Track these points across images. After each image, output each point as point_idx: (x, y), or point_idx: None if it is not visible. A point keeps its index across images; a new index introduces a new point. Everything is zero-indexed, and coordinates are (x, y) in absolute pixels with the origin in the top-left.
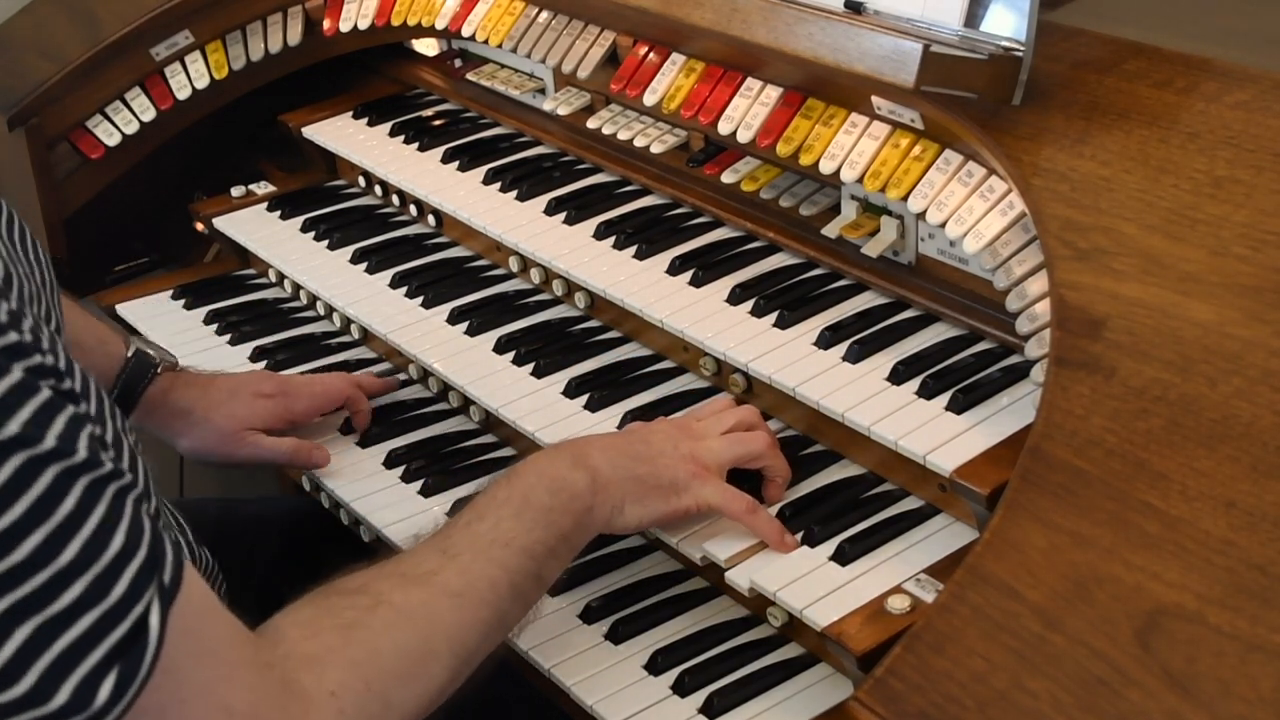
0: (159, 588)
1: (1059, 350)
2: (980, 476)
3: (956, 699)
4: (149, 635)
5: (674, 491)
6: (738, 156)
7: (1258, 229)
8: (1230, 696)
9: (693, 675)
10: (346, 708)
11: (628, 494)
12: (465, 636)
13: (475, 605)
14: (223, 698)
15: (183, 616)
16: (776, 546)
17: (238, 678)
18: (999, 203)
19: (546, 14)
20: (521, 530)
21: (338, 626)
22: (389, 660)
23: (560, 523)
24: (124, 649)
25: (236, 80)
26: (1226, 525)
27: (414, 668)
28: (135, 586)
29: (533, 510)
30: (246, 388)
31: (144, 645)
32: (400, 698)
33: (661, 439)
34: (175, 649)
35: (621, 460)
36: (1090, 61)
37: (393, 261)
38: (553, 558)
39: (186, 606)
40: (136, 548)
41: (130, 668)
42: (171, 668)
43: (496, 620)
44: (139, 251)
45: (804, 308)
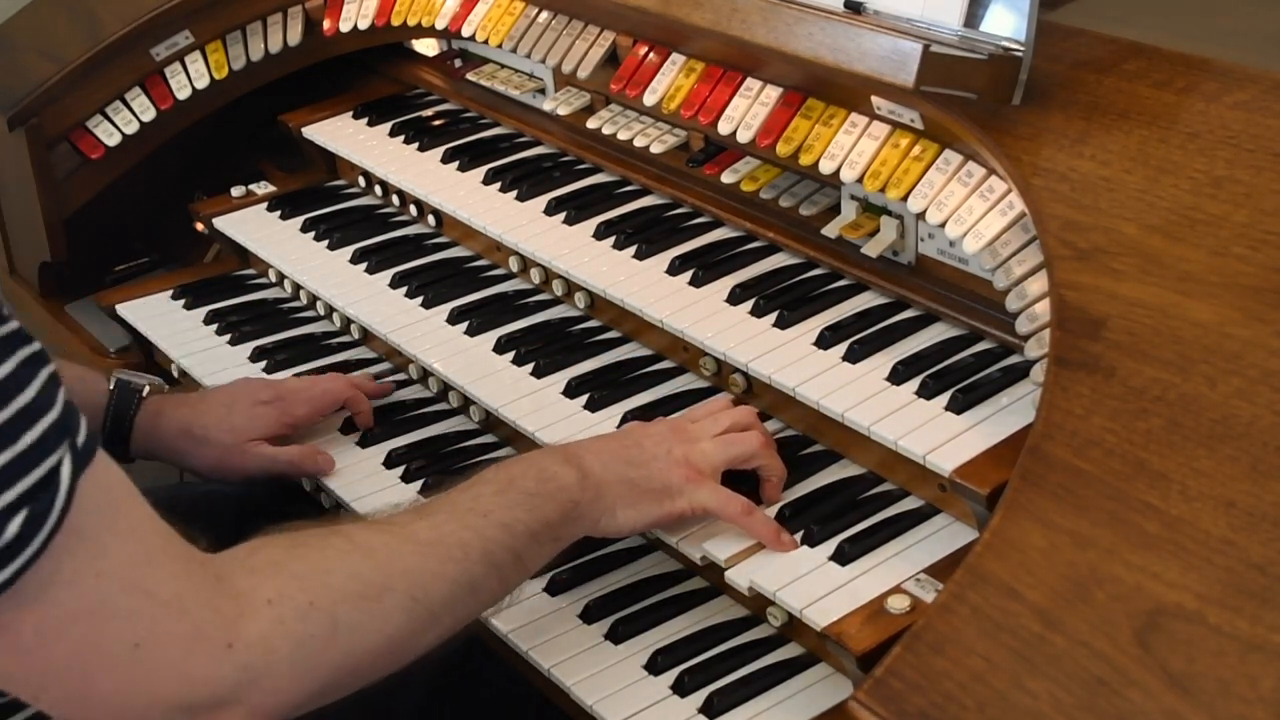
0: (71, 447)
1: (1059, 350)
2: (980, 476)
3: (956, 699)
4: (59, 483)
5: (667, 495)
6: (738, 156)
7: (1257, 229)
8: (1230, 696)
9: (693, 675)
10: (286, 616)
11: (620, 497)
12: (428, 584)
13: (441, 559)
14: (143, 580)
15: (98, 486)
16: (774, 546)
17: (161, 563)
18: (999, 203)
19: (546, 14)
20: (501, 506)
21: (285, 544)
22: (338, 579)
23: (544, 509)
24: (34, 494)
25: (236, 80)
26: (1226, 525)
27: (367, 592)
28: (45, 439)
29: (516, 493)
30: (243, 398)
31: (54, 491)
32: (350, 621)
33: (654, 442)
34: (90, 516)
35: (613, 463)
36: (1090, 61)
37: (393, 261)
38: (534, 541)
39: (103, 479)
40: (49, 406)
41: (40, 510)
42: (86, 534)
43: (465, 581)
44: (139, 251)
45: (804, 308)
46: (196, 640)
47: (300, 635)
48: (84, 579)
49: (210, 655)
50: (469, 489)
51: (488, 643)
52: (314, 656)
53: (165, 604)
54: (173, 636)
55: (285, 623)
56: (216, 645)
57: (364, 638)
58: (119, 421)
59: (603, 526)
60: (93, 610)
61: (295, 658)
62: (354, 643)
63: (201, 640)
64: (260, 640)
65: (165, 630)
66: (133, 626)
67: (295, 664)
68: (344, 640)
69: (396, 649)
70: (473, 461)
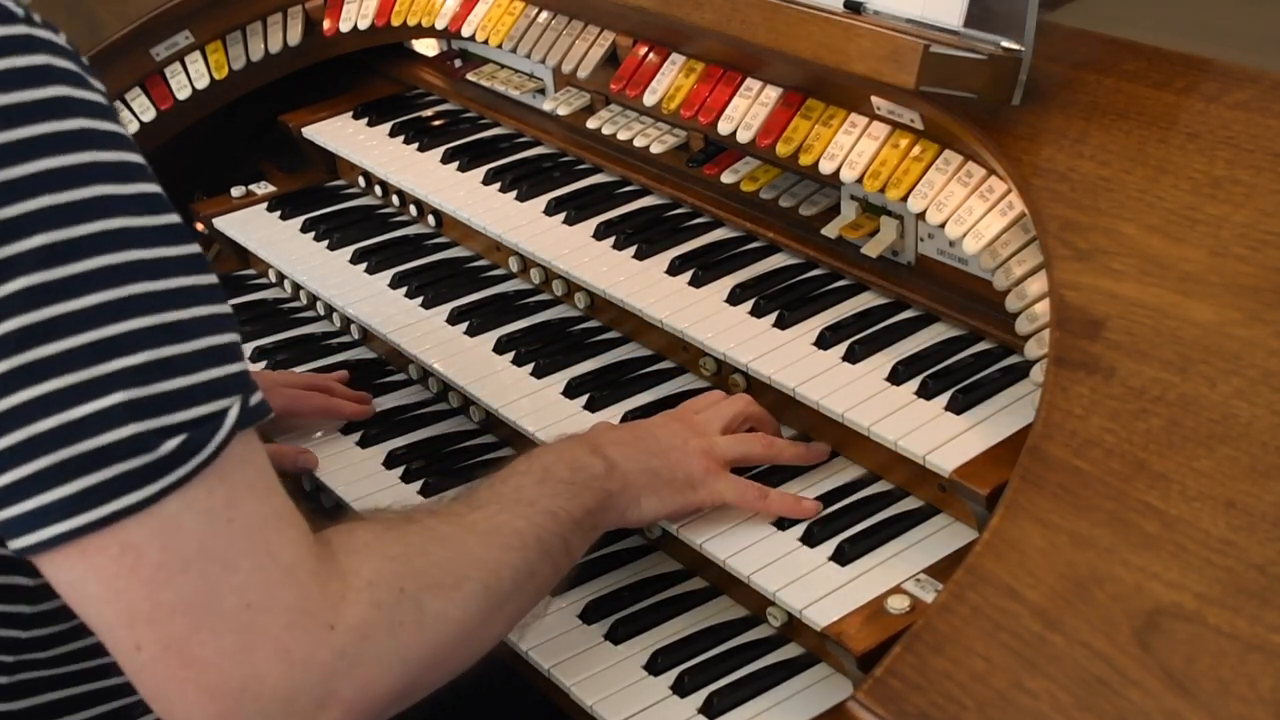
0: (244, 401)
1: (1058, 350)
2: (980, 476)
3: (956, 699)
4: (224, 425)
5: (690, 486)
6: (737, 157)
7: (1257, 229)
8: (1229, 696)
9: (692, 675)
10: (382, 600)
11: (644, 486)
12: (496, 571)
13: (502, 547)
14: (269, 540)
15: (249, 446)
16: (799, 515)
17: (285, 528)
18: (998, 203)
19: (546, 14)
20: (544, 495)
21: (376, 527)
22: (422, 565)
23: (581, 497)
24: (199, 424)
25: (236, 80)
26: (1226, 525)
27: (447, 580)
28: (227, 381)
29: (553, 482)
30: None
31: (216, 429)
32: (434, 609)
33: (669, 434)
34: (238, 467)
35: (635, 454)
36: (1090, 62)
37: (393, 261)
38: (578, 529)
39: (254, 442)
40: (238, 358)
41: (199, 439)
42: (229, 478)
43: (525, 568)
44: None
45: (804, 308)
46: (302, 614)
47: (392, 623)
48: (217, 520)
49: (311, 633)
50: (508, 480)
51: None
52: (404, 648)
53: (283, 569)
54: (283, 605)
55: (381, 608)
56: (320, 624)
57: (445, 627)
58: None
59: (629, 516)
60: (217, 555)
61: (387, 643)
62: (438, 631)
63: (306, 615)
64: (359, 624)
65: (277, 597)
66: (250, 583)
67: (388, 649)
68: (429, 628)
69: (472, 639)
70: (473, 461)
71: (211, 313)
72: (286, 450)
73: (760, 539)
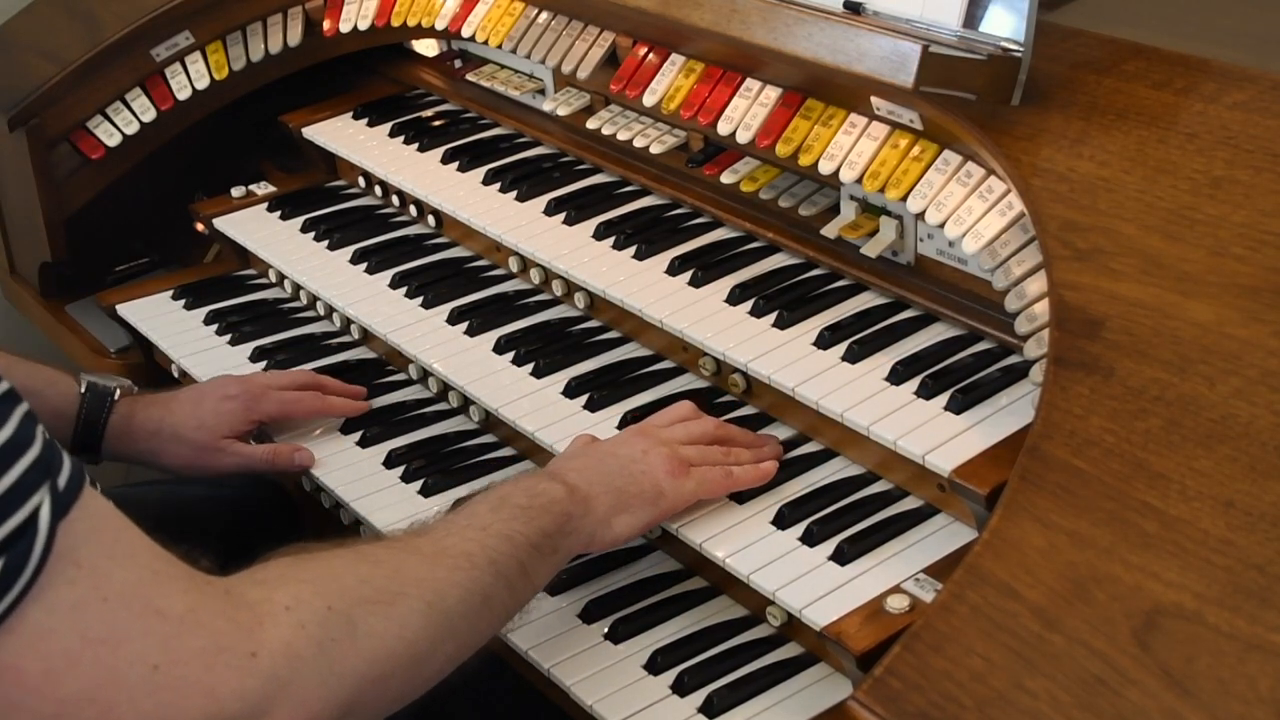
0: (52, 488)
1: (1058, 350)
2: (979, 476)
3: (955, 698)
4: (39, 527)
5: (658, 495)
6: (737, 157)
7: (1256, 229)
8: (1229, 695)
9: (692, 675)
10: (305, 621)
11: (611, 507)
12: (441, 590)
13: (449, 568)
14: (151, 599)
15: (89, 519)
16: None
17: (167, 581)
18: (998, 203)
19: (546, 15)
20: (498, 520)
21: (293, 559)
22: (350, 583)
23: (539, 520)
24: (11, 541)
25: (237, 81)
26: (1225, 525)
27: (380, 597)
28: (24, 481)
29: (510, 507)
30: (210, 394)
31: (33, 537)
32: (368, 625)
33: (628, 449)
34: (85, 545)
35: (596, 475)
36: (1089, 62)
37: (393, 262)
38: (536, 552)
39: (91, 512)
40: (29, 443)
41: (17, 560)
42: (83, 562)
43: (477, 589)
44: (139, 252)
45: (803, 308)
46: (217, 653)
47: (322, 639)
48: (88, 605)
49: (234, 667)
50: (461, 510)
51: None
52: (338, 663)
53: (179, 620)
54: (192, 652)
55: (306, 627)
56: (239, 655)
57: (384, 643)
58: (90, 425)
59: (598, 539)
60: (103, 637)
61: (320, 664)
62: (375, 647)
63: (223, 652)
64: (284, 646)
65: (183, 647)
66: (147, 646)
67: (321, 671)
68: (365, 645)
69: (419, 658)
70: (473, 461)
71: None
72: (283, 449)
73: (760, 538)
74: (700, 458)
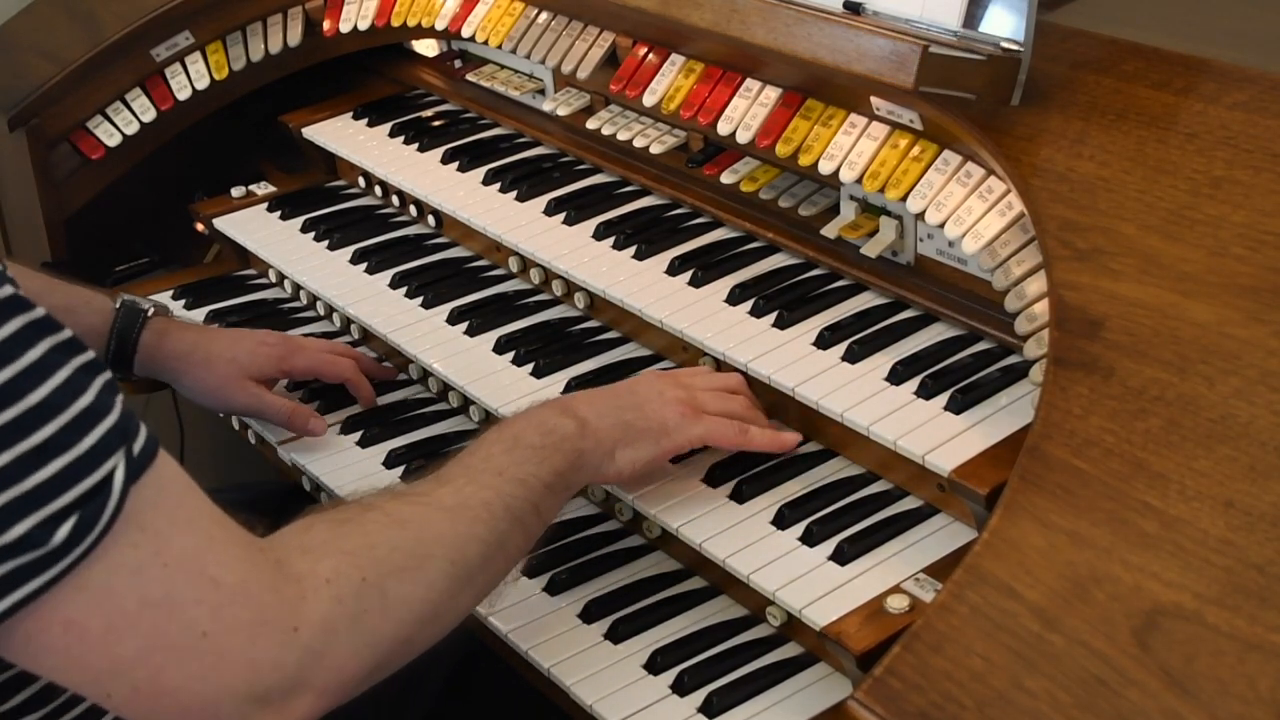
0: (127, 454)
1: (1057, 350)
2: (979, 476)
3: (955, 698)
4: (112, 488)
5: (664, 432)
6: (737, 157)
7: (1256, 229)
8: (1228, 695)
9: (692, 674)
10: (343, 595)
11: (618, 439)
12: (462, 547)
13: (469, 521)
14: (208, 567)
15: (158, 485)
16: (779, 448)
17: (224, 550)
18: (998, 203)
19: (546, 15)
20: (513, 463)
21: (332, 522)
22: (383, 553)
23: (553, 460)
24: (87, 499)
25: (237, 81)
26: (1225, 525)
27: (410, 563)
28: (104, 443)
29: (523, 449)
30: (251, 335)
31: (106, 497)
32: (398, 593)
33: (647, 387)
34: (151, 510)
35: (608, 409)
36: (1089, 62)
37: (393, 262)
38: (549, 492)
39: (161, 477)
40: (108, 411)
41: (90, 515)
42: (148, 526)
43: (494, 539)
44: (139, 252)
45: (803, 308)
46: (262, 625)
47: (355, 612)
48: (149, 569)
49: (276, 640)
50: (477, 451)
51: (488, 643)
52: (370, 631)
53: (231, 590)
54: (240, 623)
55: (343, 602)
56: (282, 630)
57: (411, 607)
58: (124, 339)
59: (604, 472)
60: (160, 600)
61: (353, 634)
62: (403, 613)
63: (267, 625)
64: (322, 621)
65: (232, 617)
66: (200, 614)
67: (354, 641)
68: (394, 611)
69: (441, 614)
70: None
71: (66, 377)
72: (302, 409)
73: (760, 538)
74: (719, 406)
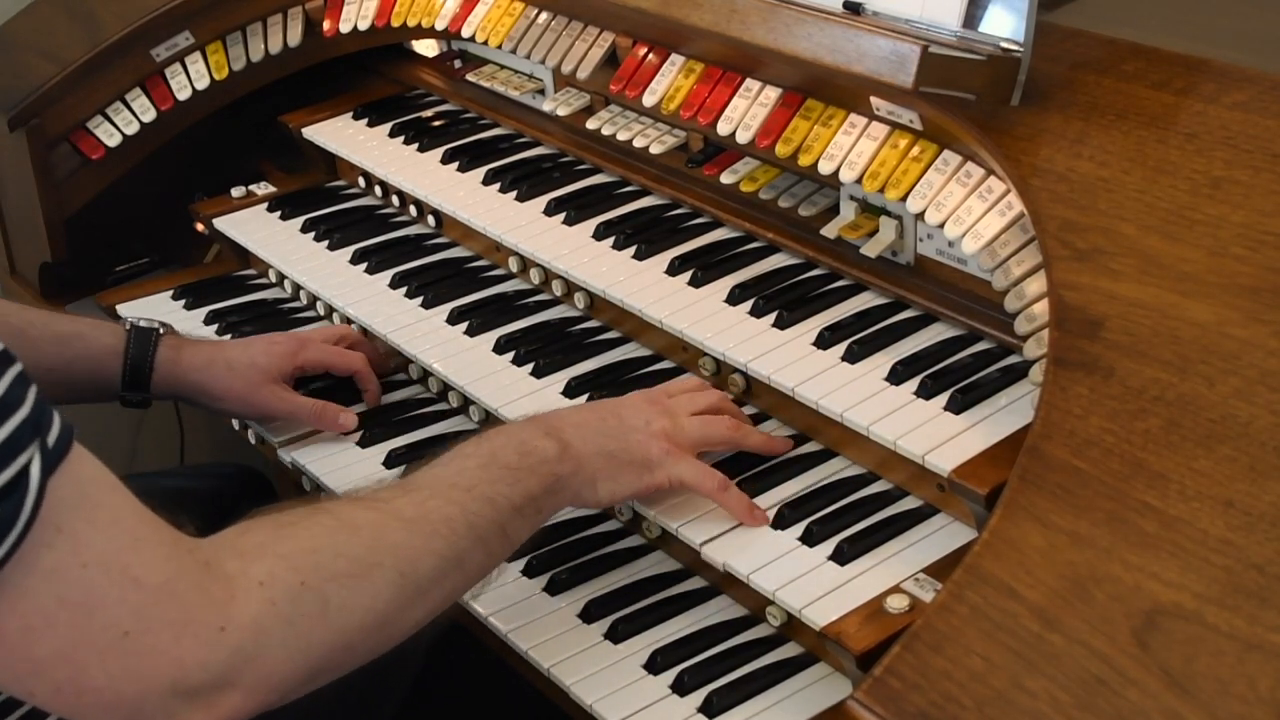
0: (41, 446)
1: (1057, 350)
2: (979, 476)
3: (955, 698)
4: (28, 484)
5: (646, 468)
6: (737, 157)
7: (1256, 229)
8: (1228, 695)
9: (692, 674)
10: (277, 598)
11: (599, 470)
12: (415, 559)
13: (426, 534)
14: (129, 566)
15: (75, 480)
16: (747, 522)
17: (148, 549)
18: (997, 203)
19: (546, 15)
20: (485, 480)
21: (273, 525)
22: (327, 558)
23: (527, 482)
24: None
25: (237, 81)
26: (1224, 525)
27: (356, 570)
28: (16, 437)
29: (498, 466)
30: (259, 340)
31: (22, 493)
32: (340, 600)
33: (632, 414)
34: (68, 510)
35: (593, 436)
36: (1088, 62)
37: (393, 262)
38: (518, 514)
39: (79, 472)
40: (19, 403)
41: (7, 515)
42: (65, 528)
43: (452, 555)
44: (139, 252)
45: (803, 308)
46: (187, 625)
47: (291, 615)
48: (66, 570)
49: (202, 639)
50: (451, 463)
51: (485, 641)
52: (306, 636)
53: (154, 590)
54: (163, 622)
55: (277, 604)
56: (209, 629)
57: (354, 615)
58: (139, 363)
59: (583, 498)
60: (79, 601)
61: (287, 638)
62: (345, 620)
63: (192, 624)
64: (252, 622)
65: (155, 616)
66: (121, 614)
67: (288, 644)
68: (335, 618)
69: (387, 625)
70: None
71: None
72: (331, 406)
73: (759, 538)
74: (703, 436)
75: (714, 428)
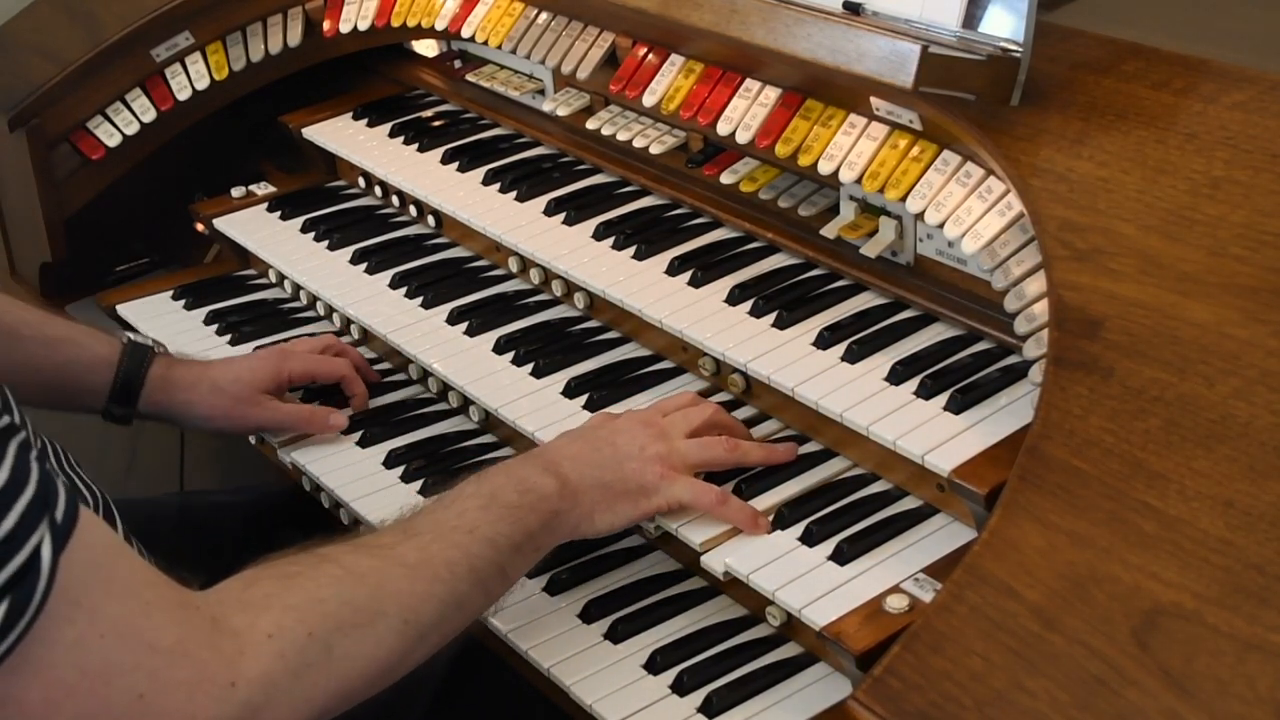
0: (50, 523)
1: (1057, 350)
2: (978, 476)
3: (955, 698)
4: (41, 566)
5: (643, 494)
6: (737, 157)
7: (1255, 229)
8: (1228, 695)
9: (692, 674)
10: (286, 650)
11: (596, 502)
12: (418, 606)
13: (429, 580)
14: (144, 633)
15: (86, 551)
16: (751, 531)
17: (159, 614)
18: (997, 203)
19: (546, 15)
20: (486, 521)
21: (278, 576)
22: (332, 608)
23: (527, 520)
24: (16, 581)
25: (237, 81)
26: (1224, 525)
27: (360, 619)
28: (25, 521)
29: (499, 506)
30: (242, 356)
31: (36, 576)
32: (344, 649)
33: (627, 440)
34: (82, 583)
35: (589, 468)
36: (1088, 62)
37: (393, 262)
38: (518, 554)
39: (88, 543)
40: (26, 480)
41: (22, 598)
42: (82, 601)
43: (453, 600)
44: (139, 252)
45: (803, 308)
46: (199, 684)
47: (298, 667)
48: (87, 642)
49: (214, 696)
50: (452, 505)
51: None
52: (311, 686)
53: (167, 653)
54: (176, 683)
55: (285, 656)
56: (219, 686)
57: (357, 663)
58: (130, 377)
59: (580, 531)
60: (98, 670)
61: (294, 688)
62: (348, 668)
63: (204, 683)
64: (261, 675)
65: (168, 678)
66: (137, 678)
67: (294, 694)
68: (339, 667)
69: (387, 670)
70: (472, 461)
71: None
72: (320, 409)
73: (759, 538)
74: (699, 456)
75: (711, 450)
